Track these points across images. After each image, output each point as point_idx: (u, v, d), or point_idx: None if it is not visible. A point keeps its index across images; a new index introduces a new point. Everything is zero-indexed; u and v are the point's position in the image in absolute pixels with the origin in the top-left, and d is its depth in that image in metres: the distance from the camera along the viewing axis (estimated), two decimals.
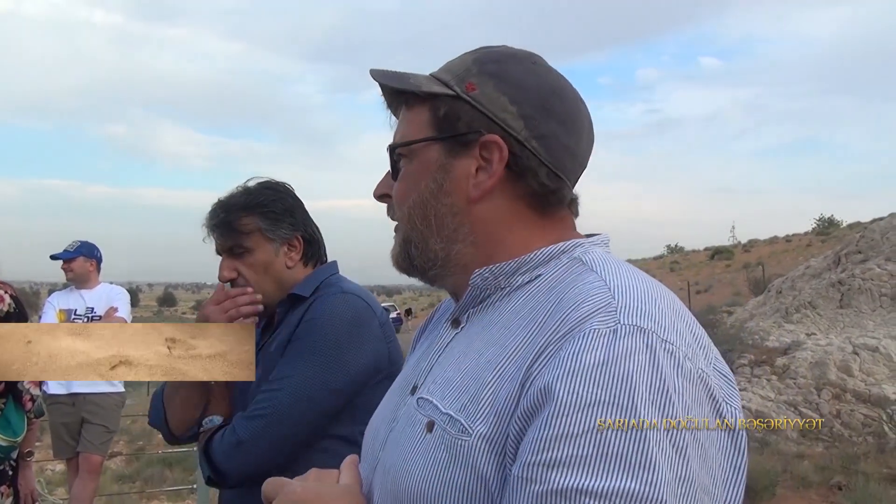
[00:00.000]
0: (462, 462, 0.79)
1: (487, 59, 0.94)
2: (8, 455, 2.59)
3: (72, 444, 4.82)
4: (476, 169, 0.91)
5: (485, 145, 0.91)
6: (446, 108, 0.92)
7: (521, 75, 0.92)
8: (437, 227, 0.94)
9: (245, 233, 1.72)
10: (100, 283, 5.02)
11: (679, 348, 0.75)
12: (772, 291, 14.25)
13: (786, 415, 8.32)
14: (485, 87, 0.91)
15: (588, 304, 0.78)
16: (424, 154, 0.95)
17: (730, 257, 38.10)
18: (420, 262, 0.97)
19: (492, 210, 0.93)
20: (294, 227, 1.76)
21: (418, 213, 0.95)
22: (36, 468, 9.13)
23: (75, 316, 4.83)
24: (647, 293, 0.80)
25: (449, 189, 0.93)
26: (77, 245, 4.89)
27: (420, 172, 0.95)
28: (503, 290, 0.92)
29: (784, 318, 11.87)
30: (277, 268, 1.74)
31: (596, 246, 0.93)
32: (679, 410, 0.71)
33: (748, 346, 10.02)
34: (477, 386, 0.82)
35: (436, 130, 0.94)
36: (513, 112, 0.90)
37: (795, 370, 9.13)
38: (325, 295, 1.69)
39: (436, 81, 0.94)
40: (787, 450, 7.50)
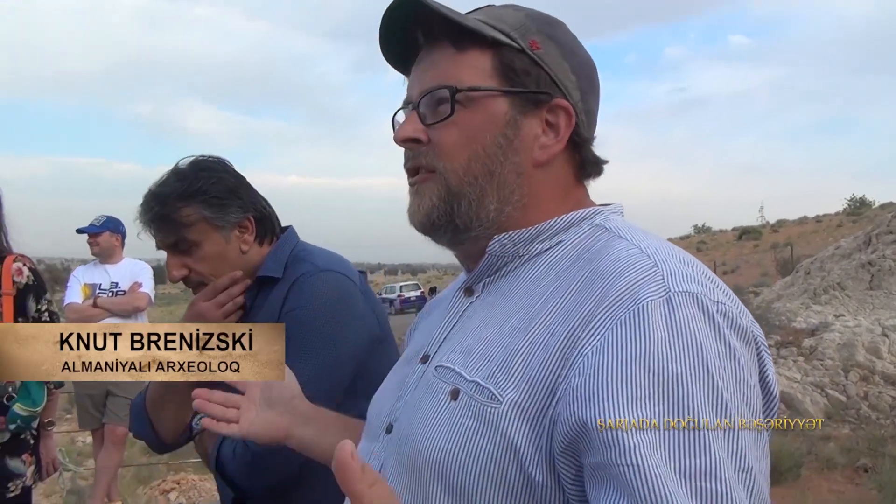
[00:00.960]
0: (492, 430, 0.77)
1: (541, 19, 0.91)
2: (29, 425, 2.63)
3: (97, 415, 4.90)
4: (541, 131, 0.89)
5: (552, 109, 0.89)
6: (512, 61, 0.88)
7: (573, 45, 0.91)
8: (499, 185, 0.89)
9: (188, 225, 1.54)
10: (124, 258, 5.07)
11: (731, 308, 0.75)
12: (800, 272, 14.04)
13: (812, 396, 8.22)
14: (549, 48, 0.89)
15: (632, 272, 0.76)
16: (490, 104, 0.88)
17: (758, 237, 37.66)
18: (463, 220, 0.90)
19: (551, 176, 0.91)
20: (243, 209, 1.59)
21: (480, 167, 0.88)
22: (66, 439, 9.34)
23: (100, 290, 4.89)
24: (681, 257, 0.81)
25: (517, 147, 0.88)
26: (103, 220, 4.93)
27: (485, 123, 0.88)
28: (521, 258, 0.90)
29: (812, 299, 11.69)
30: (232, 256, 1.58)
31: (614, 214, 0.92)
32: (746, 372, 0.72)
33: (775, 327, 9.90)
34: (505, 354, 0.80)
35: (504, 82, 0.88)
36: (574, 81, 0.89)
37: (823, 351, 9.01)
38: (300, 279, 1.54)
39: (491, 27, 0.88)
40: (813, 431, 7.41)
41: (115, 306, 4.82)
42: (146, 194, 1.58)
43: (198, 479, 7.88)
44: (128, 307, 4.85)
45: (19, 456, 2.62)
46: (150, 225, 1.58)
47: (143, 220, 1.58)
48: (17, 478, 2.59)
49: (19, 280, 2.68)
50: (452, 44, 0.89)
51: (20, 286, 2.67)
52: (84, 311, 4.78)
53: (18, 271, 2.68)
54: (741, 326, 0.74)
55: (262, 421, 1.15)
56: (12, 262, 2.68)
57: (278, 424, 1.15)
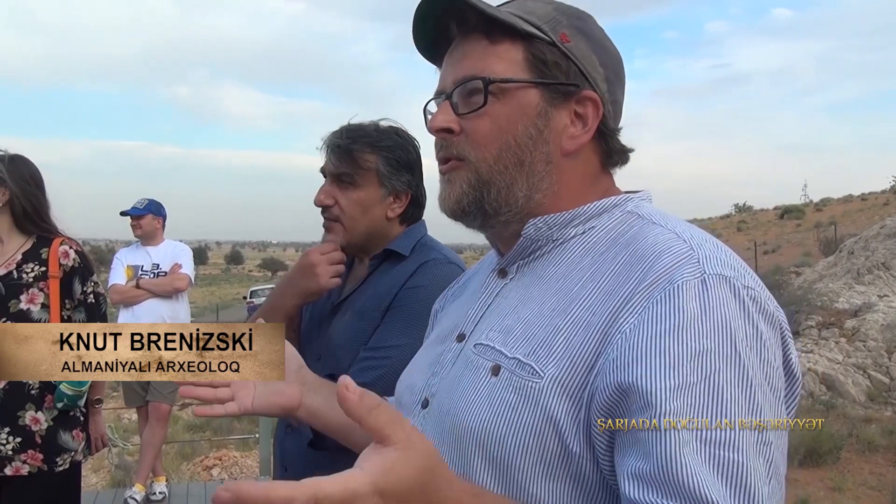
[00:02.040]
0: (532, 404, 0.81)
1: (570, 12, 0.94)
2: (75, 403, 2.73)
3: (141, 393, 5.04)
4: (570, 122, 0.92)
5: (581, 101, 0.92)
6: (544, 53, 0.90)
7: (601, 37, 0.94)
8: (529, 174, 0.92)
9: (362, 167, 1.66)
10: (165, 240, 5.18)
11: (759, 294, 0.79)
12: (843, 252, 13.74)
13: (854, 378, 8.09)
14: (578, 41, 0.92)
15: (669, 255, 0.80)
16: (521, 96, 0.91)
17: (800, 217, 36.89)
18: (493, 206, 0.93)
19: (579, 165, 0.94)
20: (407, 184, 1.70)
21: (511, 157, 0.91)
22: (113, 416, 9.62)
23: (142, 272, 5.00)
24: (715, 243, 0.84)
25: (548, 137, 0.92)
26: (146, 203, 5.03)
27: (516, 114, 0.91)
28: (555, 242, 0.93)
29: (855, 280, 11.45)
30: (376, 214, 1.68)
31: (644, 201, 0.95)
32: (770, 354, 0.77)
33: (816, 308, 9.73)
34: (546, 332, 0.84)
35: (535, 74, 0.91)
36: (601, 73, 0.92)
37: (865, 332, 8.84)
38: (432, 263, 1.64)
39: (523, 21, 0.90)
40: (854, 413, 7.30)
41: (157, 287, 4.94)
42: (344, 126, 1.72)
43: (239, 456, 8.07)
44: (168, 288, 4.97)
45: (70, 431, 2.72)
46: (332, 149, 1.69)
47: (329, 142, 1.70)
48: (66, 452, 2.69)
49: (66, 263, 2.76)
50: (486, 35, 0.92)
51: (66, 269, 2.76)
52: (127, 293, 4.91)
53: (65, 254, 2.77)
54: (768, 311, 0.78)
55: (270, 393, 1.15)
56: (59, 244, 2.76)
57: (290, 394, 1.16)
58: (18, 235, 2.75)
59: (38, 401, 2.64)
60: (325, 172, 1.71)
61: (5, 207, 2.73)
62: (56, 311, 2.68)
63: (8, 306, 2.62)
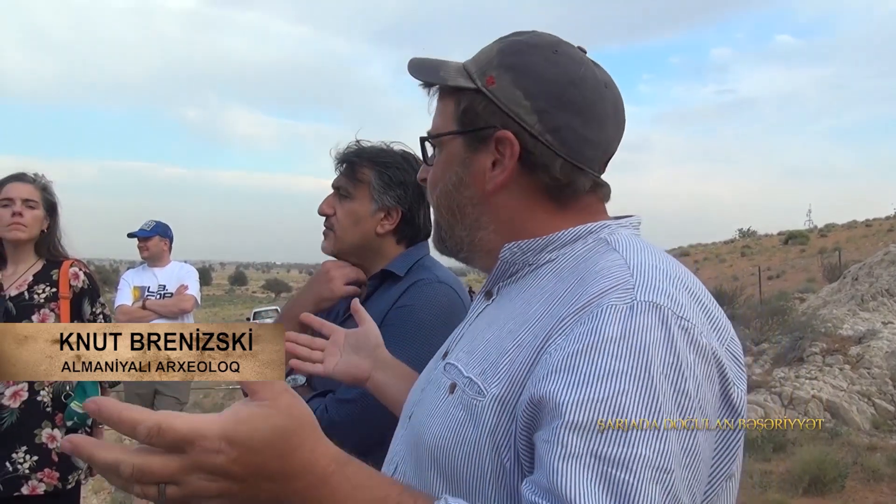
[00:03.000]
0: (475, 420, 0.85)
1: (509, 50, 0.96)
2: (84, 422, 2.76)
3: None
4: (493, 163, 0.96)
5: (499, 141, 0.94)
6: (467, 103, 0.96)
7: (539, 67, 0.94)
8: (461, 217, 1.01)
9: (357, 180, 1.75)
10: (171, 261, 5.23)
11: (695, 325, 0.79)
12: (847, 278, 13.72)
13: (858, 405, 8.05)
14: (503, 80, 0.94)
15: (607, 280, 0.83)
16: (449, 146, 1.00)
17: (804, 242, 36.87)
18: (450, 245, 1.05)
19: (508, 201, 0.97)
20: (398, 201, 1.75)
21: (444, 203, 1.02)
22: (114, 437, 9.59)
23: (148, 293, 5.05)
24: (666, 272, 0.84)
25: (468, 182, 0.99)
26: (153, 224, 5.09)
27: (446, 164, 1.01)
28: (531, 266, 0.96)
29: (860, 306, 11.42)
30: (366, 227, 1.75)
31: (623, 228, 0.97)
32: (690, 385, 0.75)
33: (820, 334, 9.70)
34: (497, 353, 0.88)
35: (458, 124, 0.98)
36: (527, 106, 0.93)
37: (870, 360, 8.80)
38: (421, 283, 1.69)
39: (463, 73, 0.98)
40: (859, 441, 7.25)
41: (163, 308, 4.98)
42: (354, 142, 1.82)
43: None
44: (175, 309, 5.01)
45: None
46: (338, 162, 1.80)
47: (338, 156, 1.81)
48: (76, 471, 2.72)
49: (76, 284, 2.81)
50: (438, 94, 1.03)
51: (76, 290, 2.81)
52: (133, 313, 4.95)
53: (75, 276, 2.82)
54: (699, 343, 0.78)
55: (346, 363, 1.30)
56: (69, 266, 2.82)
57: (361, 367, 1.30)
58: (31, 257, 2.80)
59: (52, 419, 2.67)
60: (333, 184, 1.82)
61: (40, 233, 2.80)
62: None
63: None
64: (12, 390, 2.60)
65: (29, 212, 2.75)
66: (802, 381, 8.45)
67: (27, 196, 2.77)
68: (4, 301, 2.67)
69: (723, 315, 0.86)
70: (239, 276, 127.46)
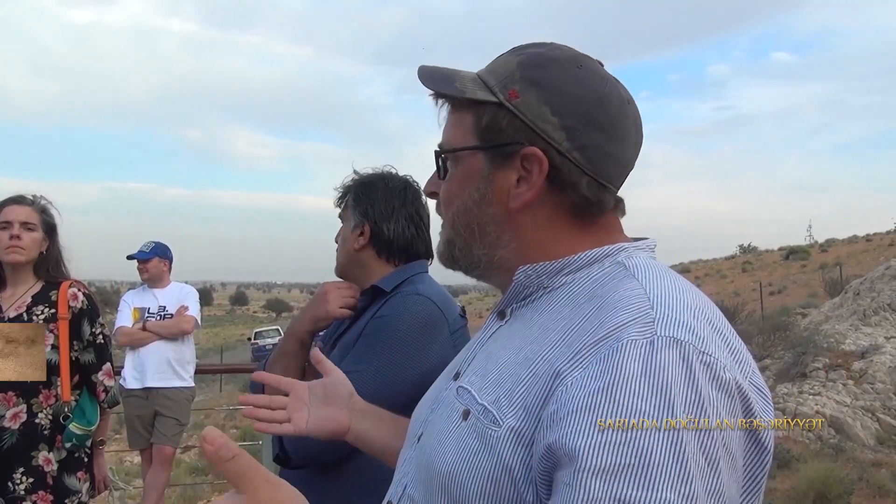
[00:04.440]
0: (490, 451, 0.82)
1: (531, 63, 0.93)
2: (83, 443, 2.74)
3: (145, 435, 5.03)
4: (518, 179, 0.93)
5: (526, 157, 0.91)
6: (490, 117, 0.93)
7: (564, 83, 0.91)
8: (480, 235, 0.97)
9: (345, 204, 1.87)
10: (171, 282, 5.22)
11: (717, 360, 0.76)
12: (849, 293, 13.69)
13: (862, 421, 8.00)
14: (527, 95, 0.91)
15: (626, 313, 0.79)
16: (469, 162, 0.96)
17: (805, 257, 36.83)
18: (464, 263, 1.01)
19: (533, 219, 0.94)
20: (364, 216, 1.81)
21: (461, 220, 0.98)
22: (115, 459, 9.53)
23: (149, 314, 5.04)
24: (687, 304, 0.81)
25: (491, 199, 0.95)
26: (152, 246, 5.09)
27: (464, 179, 0.97)
28: (546, 290, 0.93)
29: (862, 321, 11.39)
30: (349, 244, 1.83)
31: (641, 251, 0.93)
32: (710, 420, 0.72)
33: (823, 350, 9.66)
34: (512, 381, 0.85)
35: (479, 139, 0.94)
36: (554, 123, 0.90)
37: (873, 375, 8.76)
38: (399, 295, 1.72)
39: (480, 85, 0.94)
40: (864, 457, 7.20)
41: (163, 329, 4.97)
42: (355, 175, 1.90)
43: None
44: (175, 330, 5.00)
45: (75, 473, 2.73)
46: (340, 194, 1.89)
47: (340, 187, 1.90)
48: (74, 494, 2.70)
49: (75, 305, 2.80)
50: (453, 105, 0.99)
51: (76, 311, 2.80)
52: (134, 335, 4.94)
53: (74, 296, 2.81)
54: (722, 378, 0.75)
55: (321, 418, 1.23)
56: (68, 287, 2.82)
57: (339, 420, 1.23)
58: (30, 279, 2.80)
59: (51, 441, 2.66)
60: None
61: (39, 255, 2.80)
62: (66, 352, 2.72)
63: None
64: (12, 412, 2.60)
65: (27, 234, 2.75)
66: (806, 396, 8.41)
67: (25, 219, 2.77)
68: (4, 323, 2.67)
69: (743, 346, 0.83)
70: (240, 296, 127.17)
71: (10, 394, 2.61)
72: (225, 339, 52.13)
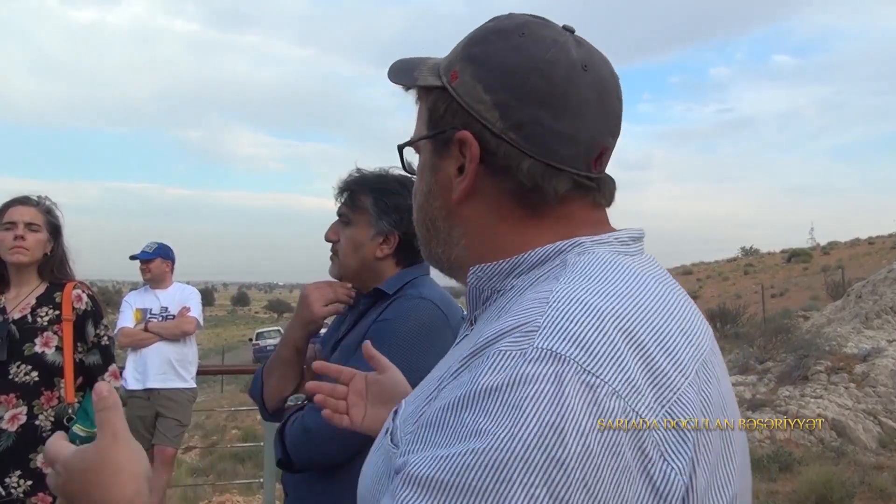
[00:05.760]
0: (389, 472, 0.76)
1: (475, 38, 0.84)
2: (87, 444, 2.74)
3: (147, 436, 5.03)
4: (458, 168, 0.83)
5: (461, 143, 0.81)
6: (431, 103, 0.86)
7: (501, 55, 0.80)
8: (434, 231, 0.89)
9: (356, 207, 1.80)
10: (173, 283, 5.23)
11: (607, 383, 0.62)
12: (851, 296, 13.67)
13: (864, 424, 7.99)
14: (465, 74, 0.82)
15: (514, 318, 0.68)
16: (422, 154, 0.90)
17: (807, 260, 36.85)
18: (434, 263, 0.94)
19: (477, 211, 0.84)
20: (395, 225, 1.79)
21: (419, 217, 0.92)
22: None
23: (150, 315, 5.04)
24: (599, 311, 0.67)
25: (436, 191, 0.87)
26: (155, 247, 5.09)
27: (420, 173, 0.90)
28: (499, 293, 0.82)
29: (864, 324, 11.38)
30: (366, 252, 1.79)
31: (603, 245, 0.79)
32: (573, 455, 0.59)
33: (825, 353, 9.65)
34: (422, 398, 0.78)
35: (427, 128, 0.87)
36: (486, 101, 0.79)
37: (875, 378, 8.75)
38: (403, 298, 1.72)
39: (434, 71, 0.87)
40: (866, 460, 7.19)
41: (165, 331, 4.97)
42: (355, 171, 1.86)
43: (243, 501, 7.97)
44: (177, 331, 5.00)
45: None
46: (339, 191, 1.84)
47: (339, 185, 1.85)
48: None
49: (79, 306, 2.80)
50: (418, 97, 0.91)
51: (80, 312, 2.80)
52: (135, 336, 4.94)
53: (78, 298, 2.81)
54: (606, 407, 0.61)
55: (375, 418, 1.18)
56: (73, 288, 2.82)
57: None
58: (34, 280, 2.81)
59: None
60: (337, 212, 1.86)
61: (43, 256, 2.81)
62: (70, 354, 2.72)
63: (23, 349, 2.66)
64: (11, 413, 2.59)
65: (32, 235, 2.76)
66: (807, 399, 8.40)
67: (30, 219, 2.77)
68: (7, 324, 2.67)
69: (680, 369, 0.67)
70: (241, 297, 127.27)
71: (11, 395, 2.61)
72: (226, 339, 52.22)
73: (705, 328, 0.77)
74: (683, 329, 0.71)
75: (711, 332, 0.80)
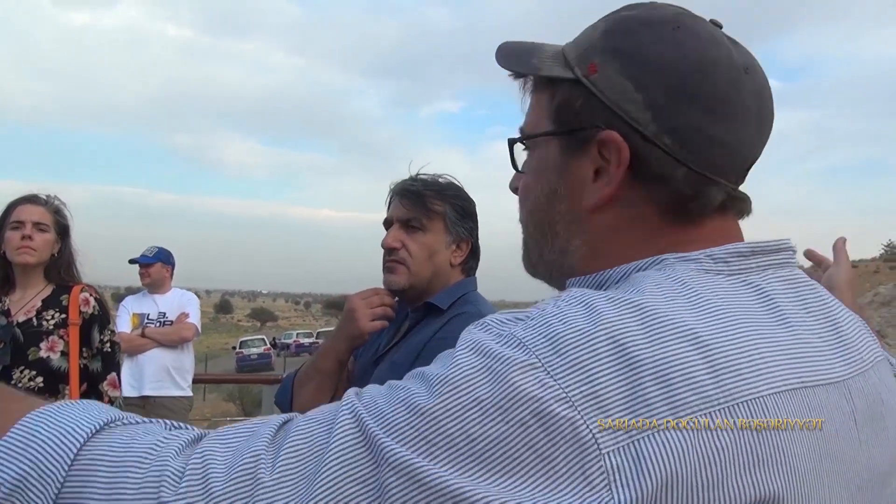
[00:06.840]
0: None
1: (617, 29, 0.75)
2: None
3: None
4: (596, 171, 0.75)
5: (603, 144, 0.73)
6: (562, 97, 0.77)
7: (653, 50, 0.72)
8: (551, 237, 0.80)
9: (431, 211, 1.75)
10: (172, 288, 5.14)
11: (563, 391, 0.56)
12: None
13: None
14: (608, 68, 0.73)
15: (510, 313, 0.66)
16: (543, 150, 0.80)
17: None
18: (541, 270, 0.85)
19: (611, 220, 0.76)
20: (470, 232, 1.81)
21: (533, 220, 0.83)
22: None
23: (148, 320, 4.95)
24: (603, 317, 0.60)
25: (563, 194, 0.78)
26: (155, 251, 5.00)
27: (538, 171, 0.81)
28: None
29: None
30: (440, 259, 1.76)
31: (687, 262, 0.71)
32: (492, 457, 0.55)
33: None
34: None
35: (554, 123, 0.78)
36: (638, 100, 0.72)
37: None
38: (461, 316, 1.68)
39: (560, 60, 0.78)
40: None
41: (163, 336, 4.88)
42: (412, 176, 1.81)
43: None
44: (174, 337, 4.91)
45: None
46: (404, 195, 1.77)
47: (399, 189, 1.78)
48: None
49: (86, 310, 2.73)
50: (533, 86, 0.83)
51: (86, 316, 2.73)
52: (132, 341, 4.84)
53: (85, 301, 2.74)
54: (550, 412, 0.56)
55: None
56: (80, 292, 2.74)
57: None
58: (40, 282, 2.74)
59: None
60: (390, 221, 1.78)
61: (50, 257, 2.74)
62: (75, 359, 2.65)
63: (27, 354, 2.58)
64: None
65: (39, 235, 2.69)
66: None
67: (38, 219, 2.71)
68: (12, 327, 2.60)
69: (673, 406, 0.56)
70: (224, 304, 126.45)
71: None
72: (209, 346, 51.72)
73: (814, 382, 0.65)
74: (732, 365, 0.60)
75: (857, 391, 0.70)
